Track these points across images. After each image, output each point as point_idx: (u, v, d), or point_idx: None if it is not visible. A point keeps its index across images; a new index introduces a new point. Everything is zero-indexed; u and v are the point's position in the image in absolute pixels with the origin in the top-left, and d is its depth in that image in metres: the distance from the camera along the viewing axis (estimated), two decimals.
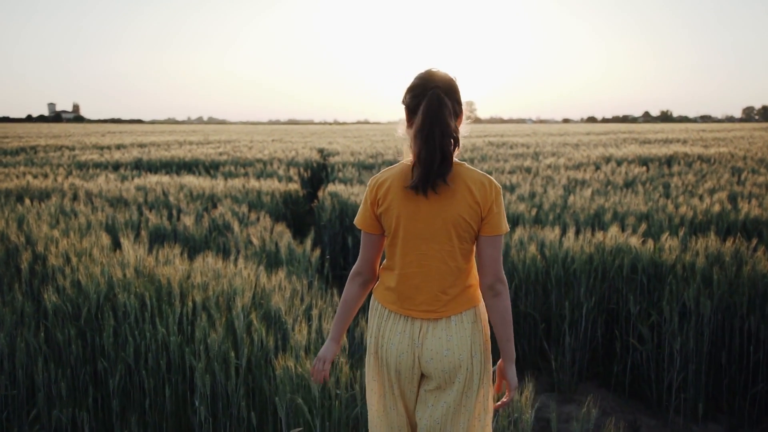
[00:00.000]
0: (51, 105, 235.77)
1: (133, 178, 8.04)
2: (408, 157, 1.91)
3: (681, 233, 4.52)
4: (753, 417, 3.58)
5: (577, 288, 4.19)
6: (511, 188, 7.64)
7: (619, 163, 10.09)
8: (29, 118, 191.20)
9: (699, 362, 3.64)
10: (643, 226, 4.70)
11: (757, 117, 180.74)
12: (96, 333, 3.06)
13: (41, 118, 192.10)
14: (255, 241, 4.79)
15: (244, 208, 5.91)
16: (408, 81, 1.92)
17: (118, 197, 6.43)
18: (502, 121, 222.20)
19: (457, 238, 1.87)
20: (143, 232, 4.19)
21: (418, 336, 1.89)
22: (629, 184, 7.89)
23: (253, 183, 7.59)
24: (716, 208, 5.60)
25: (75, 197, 6.47)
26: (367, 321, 3.44)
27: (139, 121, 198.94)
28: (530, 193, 6.99)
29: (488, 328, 1.96)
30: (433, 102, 1.81)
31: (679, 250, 4.15)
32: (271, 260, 4.77)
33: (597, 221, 5.70)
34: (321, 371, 2.03)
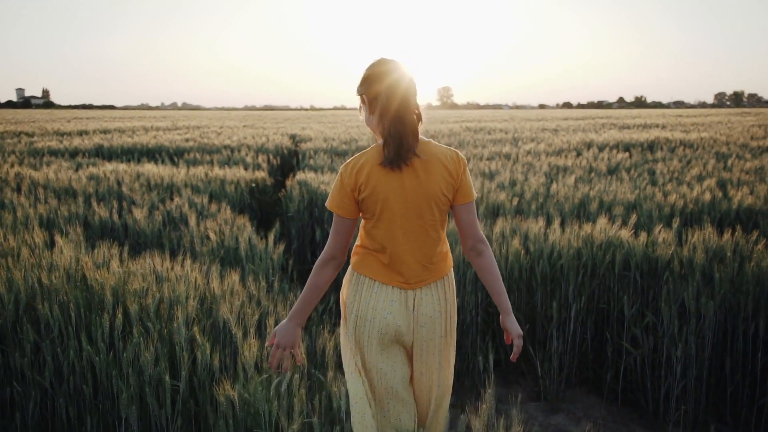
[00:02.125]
0: (20, 90, 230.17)
1: (88, 166, 7.50)
2: (379, 140, 2.02)
3: (675, 225, 4.17)
4: (760, 429, 3.25)
5: (565, 286, 3.82)
6: (491, 175, 7.26)
7: (600, 149, 9.77)
8: None
9: (700, 369, 3.30)
10: (634, 217, 4.34)
11: (728, 103, 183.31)
12: (11, 352, 2.60)
13: (9, 104, 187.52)
14: (212, 236, 4.34)
15: (204, 199, 5.45)
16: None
17: (66, 187, 5.92)
18: (478, 106, 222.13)
19: (438, 212, 2.01)
20: (79, 229, 3.72)
21: (412, 304, 2.03)
22: (613, 171, 7.57)
23: (217, 171, 7.11)
24: (707, 196, 5.28)
25: (18, 188, 5.94)
26: (331, 331, 3.05)
27: (112, 107, 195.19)
28: (511, 181, 6.61)
29: (454, 286, 2.15)
30: (395, 83, 1.96)
31: (675, 244, 3.80)
32: (230, 258, 4.33)
33: (582, 211, 5.35)
34: (280, 359, 2.04)
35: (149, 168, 7.21)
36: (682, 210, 5.08)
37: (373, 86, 1.98)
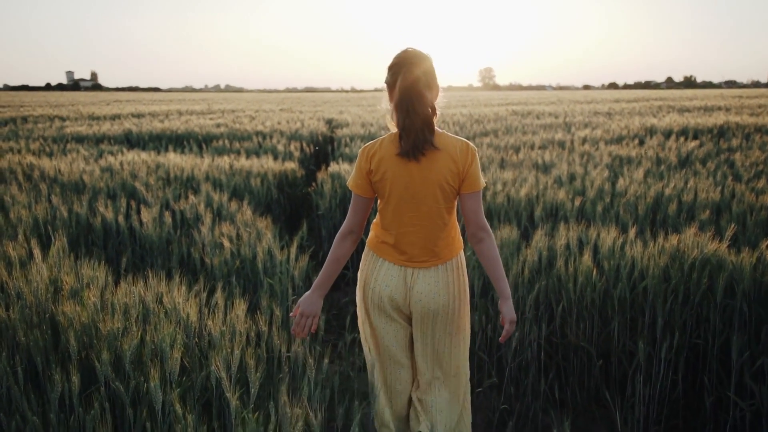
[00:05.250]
0: (69, 73, 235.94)
1: (106, 155, 6.97)
2: (394, 129, 2.16)
3: None
4: None
5: (650, 316, 3.09)
6: (545, 168, 6.48)
7: (665, 136, 8.84)
8: (48, 87, 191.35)
9: None
10: (732, 228, 3.55)
11: None
12: None
13: (60, 87, 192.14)
14: (226, 244, 3.73)
15: (224, 197, 4.84)
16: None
17: (76, 181, 5.39)
18: (521, 87, 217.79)
19: (443, 199, 2.14)
20: (62, 239, 3.13)
21: (410, 279, 2.22)
22: (685, 163, 6.70)
23: (243, 162, 6.50)
24: None
25: (27, 180, 5.44)
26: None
27: (157, 89, 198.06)
28: (569, 175, 5.83)
29: (466, 272, 2.32)
30: (408, 76, 2.05)
31: None
32: (247, 271, 3.71)
33: (659, 214, 4.56)
34: (305, 327, 2.26)
35: (171, 158, 6.64)
36: None
37: (393, 76, 2.09)
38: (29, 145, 8.44)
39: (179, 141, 9.58)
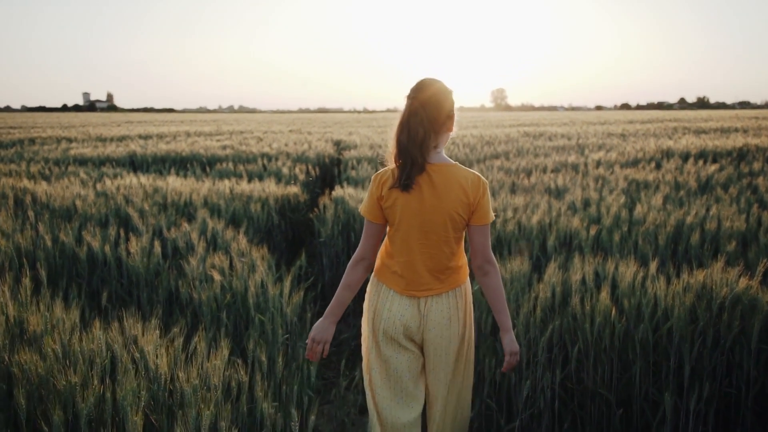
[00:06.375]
0: (86, 94, 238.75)
1: (107, 178, 6.77)
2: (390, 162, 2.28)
3: None
4: None
5: (675, 361, 2.80)
6: (558, 192, 6.21)
7: (683, 159, 8.54)
8: (65, 108, 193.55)
9: None
10: (763, 263, 3.25)
11: None
12: None
13: (76, 108, 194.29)
14: (216, 276, 3.48)
15: (219, 225, 4.60)
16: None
17: (69, 206, 5.18)
18: (533, 108, 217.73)
19: (452, 229, 2.18)
20: (41, 269, 2.90)
21: (423, 308, 2.23)
22: (705, 188, 6.40)
23: (244, 186, 6.28)
24: None
25: (19, 206, 5.24)
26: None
27: (171, 110, 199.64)
28: (583, 200, 5.55)
29: (471, 299, 2.35)
30: (405, 112, 2.18)
31: None
32: (238, 307, 3.46)
33: (680, 244, 4.26)
34: (318, 352, 2.26)
35: (170, 182, 6.44)
36: None
37: (404, 108, 2.18)
38: (30, 167, 8.28)
39: (183, 163, 9.39)
